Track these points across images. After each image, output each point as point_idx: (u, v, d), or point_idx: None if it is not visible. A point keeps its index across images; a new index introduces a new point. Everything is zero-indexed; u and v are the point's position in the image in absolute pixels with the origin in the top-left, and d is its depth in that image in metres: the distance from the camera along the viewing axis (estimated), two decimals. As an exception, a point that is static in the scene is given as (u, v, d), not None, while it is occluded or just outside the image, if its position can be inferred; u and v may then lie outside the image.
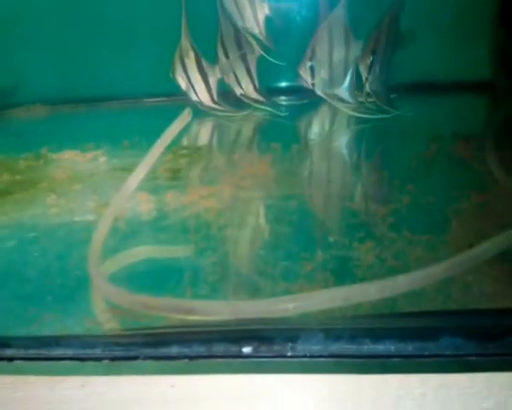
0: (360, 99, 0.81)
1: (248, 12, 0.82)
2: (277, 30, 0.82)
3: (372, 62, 0.79)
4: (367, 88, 0.80)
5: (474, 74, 0.86)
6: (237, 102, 0.85)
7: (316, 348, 0.37)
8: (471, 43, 0.85)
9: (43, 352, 0.39)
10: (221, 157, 0.73)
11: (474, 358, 0.36)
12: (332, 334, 0.37)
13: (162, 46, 0.85)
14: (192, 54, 0.83)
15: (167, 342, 0.38)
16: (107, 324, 0.43)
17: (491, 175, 0.60)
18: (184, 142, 0.75)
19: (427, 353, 0.36)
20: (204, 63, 0.84)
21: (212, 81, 0.84)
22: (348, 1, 0.78)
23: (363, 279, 0.45)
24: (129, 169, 0.64)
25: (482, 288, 0.43)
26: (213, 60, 0.84)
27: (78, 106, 0.91)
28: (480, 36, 0.85)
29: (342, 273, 0.47)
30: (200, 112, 0.84)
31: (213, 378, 0.37)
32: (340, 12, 0.79)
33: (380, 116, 0.78)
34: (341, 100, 0.82)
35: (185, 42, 0.82)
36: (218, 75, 0.84)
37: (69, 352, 0.39)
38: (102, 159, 0.70)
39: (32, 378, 0.39)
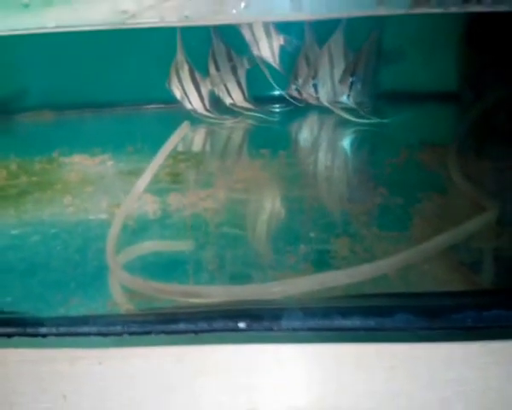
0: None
1: (264, 42, 0.88)
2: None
3: (352, 83, 0.88)
4: (351, 102, 0.89)
5: (442, 86, 0.94)
6: (228, 110, 0.92)
7: (296, 323, 0.45)
8: (440, 59, 0.93)
9: (73, 329, 0.46)
10: (216, 162, 0.81)
11: (423, 331, 0.45)
12: (309, 312, 0.45)
13: (160, 59, 0.92)
14: (186, 67, 0.90)
15: (176, 320, 0.46)
16: (125, 305, 0.51)
17: (451, 179, 0.69)
18: (181, 147, 0.83)
19: (385, 326, 0.45)
20: (197, 75, 0.91)
21: (205, 91, 0.91)
22: (345, 25, 0.87)
23: (338, 269, 0.53)
24: (135, 173, 0.72)
25: (435, 274, 0.52)
26: (206, 72, 0.92)
27: (84, 111, 0.97)
28: (448, 52, 0.93)
29: (321, 264, 0.55)
30: (193, 119, 0.91)
31: (214, 348, 0.44)
32: (338, 36, 0.87)
33: (373, 121, 0.87)
34: (345, 107, 0.90)
35: (180, 56, 0.90)
36: (209, 87, 0.91)
37: (94, 329, 0.47)
38: (110, 163, 0.78)
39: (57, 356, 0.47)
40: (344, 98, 0.90)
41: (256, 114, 0.92)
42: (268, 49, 0.89)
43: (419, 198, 0.64)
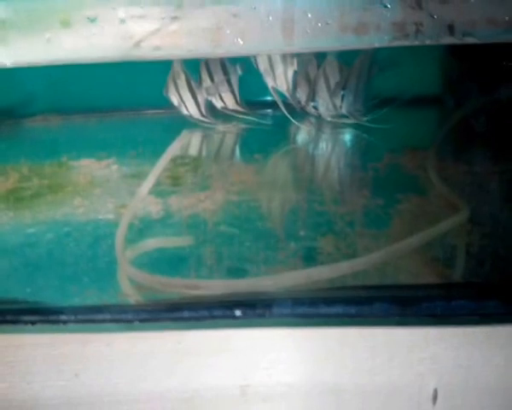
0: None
1: (280, 69, 0.91)
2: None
3: (343, 96, 0.93)
4: (344, 111, 0.94)
5: (427, 92, 1.00)
6: (224, 115, 0.97)
7: (286, 311, 0.51)
8: (425, 64, 0.99)
9: (90, 317, 0.52)
10: (212, 166, 0.87)
11: (397, 318, 0.51)
12: (297, 301, 0.51)
13: (159, 67, 0.97)
14: (183, 75, 0.95)
15: (180, 309, 0.52)
16: (134, 297, 0.57)
17: (430, 181, 0.75)
18: (180, 151, 0.89)
19: (364, 313, 0.51)
20: (193, 83, 0.96)
21: (201, 99, 0.96)
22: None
23: (324, 264, 0.60)
24: (137, 176, 0.78)
25: (410, 269, 0.58)
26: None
27: (88, 116, 1.03)
28: (432, 59, 0.99)
29: (308, 259, 0.60)
30: (190, 124, 0.96)
31: (213, 333, 0.50)
32: (331, 57, 0.92)
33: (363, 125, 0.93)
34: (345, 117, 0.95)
35: (176, 65, 0.95)
36: (205, 95, 0.97)
37: (108, 316, 0.53)
38: (114, 167, 0.83)
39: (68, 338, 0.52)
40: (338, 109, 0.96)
41: (248, 118, 0.97)
42: (283, 77, 0.92)
43: (399, 199, 0.71)
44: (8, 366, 0.51)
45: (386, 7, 0.51)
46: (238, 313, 0.51)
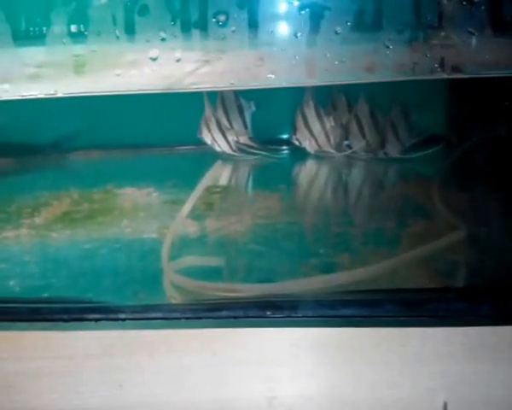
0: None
1: (318, 128, 1.03)
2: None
3: (386, 154, 1.03)
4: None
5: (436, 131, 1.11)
6: (250, 151, 1.09)
7: (309, 312, 0.57)
8: (433, 107, 1.09)
9: (145, 315, 0.60)
10: (241, 194, 0.96)
11: (405, 318, 0.58)
12: (319, 303, 0.58)
13: (192, 109, 1.08)
14: (213, 119, 1.07)
15: (219, 309, 0.59)
16: (178, 300, 0.66)
17: (435, 207, 0.84)
18: (212, 182, 0.99)
19: (376, 314, 0.58)
20: (223, 126, 1.08)
21: (231, 138, 1.08)
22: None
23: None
24: (175, 202, 0.88)
25: (414, 275, 0.67)
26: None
27: (125, 151, 1.13)
28: (438, 103, 1.10)
29: (327, 273, 0.68)
30: (221, 157, 1.08)
31: (248, 330, 0.57)
32: (362, 103, 1.02)
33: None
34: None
35: (208, 111, 1.07)
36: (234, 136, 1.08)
37: (160, 315, 0.61)
38: (154, 195, 0.93)
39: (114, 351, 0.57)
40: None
41: (260, 153, 1.07)
42: (324, 135, 1.02)
43: (408, 223, 0.80)
44: (60, 377, 0.55)
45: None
46: (269, 313, 0.57)
